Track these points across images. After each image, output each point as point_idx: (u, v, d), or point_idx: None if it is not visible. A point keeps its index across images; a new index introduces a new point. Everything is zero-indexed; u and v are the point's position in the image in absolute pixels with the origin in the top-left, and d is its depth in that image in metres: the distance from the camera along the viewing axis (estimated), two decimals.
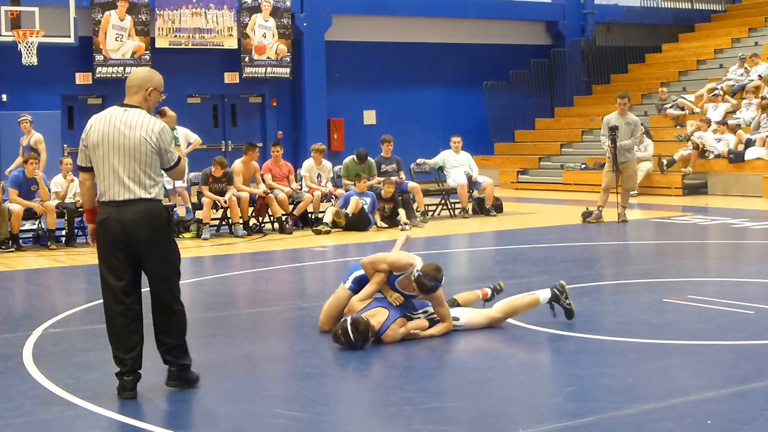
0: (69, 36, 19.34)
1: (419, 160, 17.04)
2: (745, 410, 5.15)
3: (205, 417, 5.27)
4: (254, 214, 14.59)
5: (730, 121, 20.27)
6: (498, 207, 16.49)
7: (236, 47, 22.67)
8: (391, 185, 14.78)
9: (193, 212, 14.48)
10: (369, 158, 15.61)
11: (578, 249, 12.17)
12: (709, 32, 27.13)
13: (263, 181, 14.64)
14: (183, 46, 22.04)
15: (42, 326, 7.63)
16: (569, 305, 7.32)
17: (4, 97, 20.74)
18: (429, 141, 22.63)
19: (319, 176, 15.45)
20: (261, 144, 19.91)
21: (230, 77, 22.94)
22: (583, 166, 21.93)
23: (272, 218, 14.63)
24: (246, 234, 13.94)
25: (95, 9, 21.07)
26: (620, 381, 5.74)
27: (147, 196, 5.51)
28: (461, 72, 26.02)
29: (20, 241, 12.97)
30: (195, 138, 15.80)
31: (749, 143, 19.03)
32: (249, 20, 22.77)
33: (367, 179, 14.92)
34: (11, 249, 12.70)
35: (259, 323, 7.99)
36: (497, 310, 7.26)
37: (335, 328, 6.66)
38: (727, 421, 4.96)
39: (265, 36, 22.98)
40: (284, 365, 6.54)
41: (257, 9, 22.85)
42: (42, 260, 12.03)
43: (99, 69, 21.18)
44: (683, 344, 6.61)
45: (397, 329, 6.76)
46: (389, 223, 14.63)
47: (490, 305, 7.55)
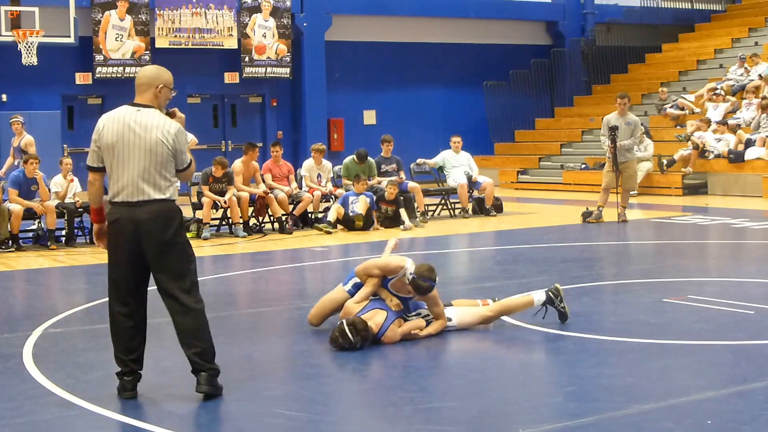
0: (69, 36, 19.35)
1: (419, 160, 17.04)
2: (745, 410, 5.15)
3: (205, 417, 5.27)
4: (254, 214, 14.59)
5: (730, 121, 20.28)
6: (498, 207, 16.49)
7: (236, 47, 22.68)
8: (395, 187, 14.77)
9: (193, 212, 14.48)
10: (369, 158, 15.61)
11: (578, 249, 12.17)
12: (709, 32, 27.13)
13: (263, 181, 14.64)
14: (183, 46, 22.04)
15: (42, 326, 7.63)
16: (563, 308, 7.30)
17: (4, 97, 20.75)
18: (429, 141, 22.63)
19: (319, 176, 15.45)
20: (261, 144, 19.90)
21: (230, 77, 22.95)
22: (583, 166, 21.93)
23: (272, 218, 14.63)
24: (246, 234, 13.94)
25: (95, 9, 21.08)
26: (620, 381, 5.74)
27: (161, 197, 5.45)
28: (461, 72, 26.02)
29: (20, 241, 12.97)
30: (190, 138, 15.78)
31: (749, 143, 19.03)
32: (249, 20, 22.77)
33: (367, 180, 14.92)
34: (11, 249, 12.71)
35: (259, 323, 7.99)
36: (490, 309, 7.28)
37: (333, 332, 6.64)
38: (727, 421, 4.96)
39: (265, 36, 22.99)
40: (284, 365, 6.54)
41: (257, 9, 22.85)
42: (42, 260, 12.03)
43: (99, 69, 21.19)
44: (683, 344, 6.61)
45: (396, 330, 6.77)
46: (389, 224, 14.61)
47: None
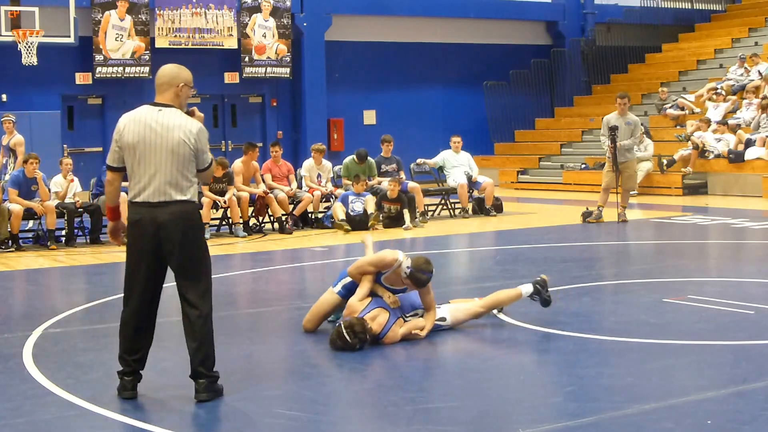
0: (69, 36, 19.35)
1: (419, 160, 17.04)
2: (745, 410, 5.15)
3: (205, 417, 5.27)
4: (254, 214, 14.59)
5: (730, 121, 20.28)
6: (498, 207, 16.49)
7: (236, 47, 22.67)
8: (397, 184, 14.78)
9: None
10: (369, 158, 15.61)
11: (578, 249, 12.17)
12: (709, 32, 27.13)
13: (263, 181, 14.64)
14: (183, 46, 22.02)
15: (42, 326, 7.63)
16: (548, 296, 7.47)
17: (4, 97, 20.74)
18: (429, 141, 22.62)
19: (319, 176, 15.45)
20: (261, 144, 19.90)
21: (230, 77, 22.95)
22: (583, 166, 21.92)
23: (272, 218, 14.63)
24: (246, 234, 13.94)
25: (95, 9, 21.07)
26: (620, 381, 5.74)
27: (182, 198, 5.44)
28: (461, 72, 26.02)
29: (20, 241, 12.97)
30: None
31: (749, 143, 19.03)
32: (249, 20, 22.77)
33: (367, 181, 14.92)
34: (11, 249, 12.70)
35: (259, 323, 7.99)
36: (479, 305, 7.33)
37: (331, 334, 6.66)
38: (727, 421, 4.96)
39: (265, 36, 22.98)
40: (284, 365, 6.53)
41: (257, 9, 22.84)
42: (42, 260, 12.03)
43: (99, 69, 21.18)
44: (683, 344, 6.61)
45: (397, 330, 6.78)
46: (390, 224, 14.59)
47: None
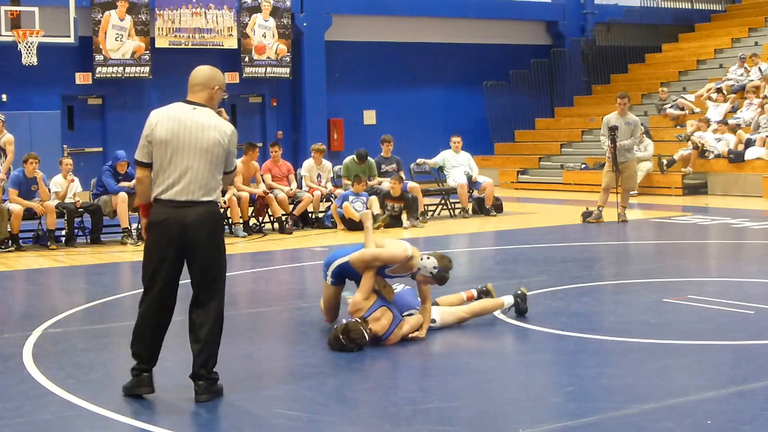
0: (69, 36, 19.34)
1: (419, 160, 17.05)
2: (745, 410, 5.15)
3: (205, 417, 5.27)
4: (254, 214, 14.59)
5: (730, 121, 20.28)
6: (498, 207, 16.49)
7: (236, 47, 22.67)
8: (398, 182, 14.78)
9: None
10: (369, 158, 15.61)
11: (578, 249, 12.17)
12: (709, 32, 27.13)
13: (263, 181, 14.64)
14: (183, 46, 22.03)
15: (42, 326, 7.63)
16: (525, 307, 7.59)
17: (4, 97, 20.74)
18: (429, 141, 22.60)
19: (319, 176, 15.45)
20: (261, 144, 19.90)
21: (230, 77, 22.91)
22: (583, 166, 21.92)
23: (272, 218, 14.63)
24: (246, 234, 13.94)
25: (95, 9, 21.07)
26: (620, 381, 5.74)
27: (208, 199, 5.43)
28: (461, 72, 26.01)
29: (20, 241, 12.97)
30: None
31: (749, 143, 19.03)
32: (249, 20, 22.77)
33: (367, 181, 14.93)
34: (11, 249, 12.70)
35: (259, 323, 7.99)
36: (465, 311, 7.40)
37: (329, 335, 6.68)
38: (727, 421, 4.96)
39: (265, 36, 22.98)
40: (284, 365, 6.53)
41: (257, 9, 22.85)
42: (42, 260, 12.03)
43: (99, 69, 21.18)
44: (683, 344, 6.61)
45: (398, 332, 6.79)
46: (391, 224, 14.60)
47: None
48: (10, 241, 12.77)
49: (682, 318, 7.58)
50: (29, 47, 18.19)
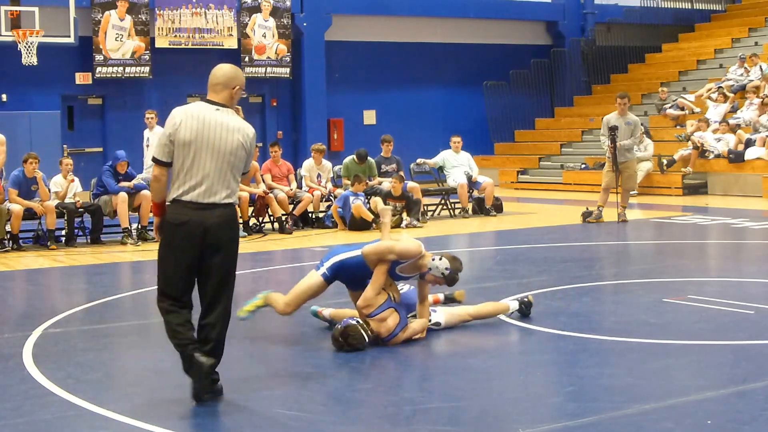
0: (69, 36, 19.34)
1: (419, 160, 17.05)
2: (745, 410, 5.15)
3: (205, 417, 5.27)
4: (254, 214, 14.59)
5: (731, 121, 20.28)
6: (498, 207, 16.49)
7: (236, 47, 22.67)
8: (399, 182, 14.78)
9: None
10: (369, 158, 15.61)
11: (578, 249, 12.17)
12: (709, 32, 27.13)
13: (263, 181, 14.64)
14: (183, 46, 22.04)
15: (42, 326, 7.63)
16: (528, 313, 7.58)
17: (4, 97, 20.74)
18: (429, 141, 22.59)
19: (319, 176, 15.46)
20: (260, 144, 19.89)
21: None
22: (583, 166, 21.92)
23: (272, 218, 14.63)
24: (246, 234, 13.94)
25: (95, 9, 21.07)
26: (620, 381, 5.74)
27: (229, 201, 5.40)
28: (461, 72, 26.02)
29: (20, 241, 12.96)
30: None
31: (749, 143, 19.04)
32: (249, 20, 22.77)
33: (366, 181, 14.93)
34: (11, 249, 12.70)
35: (259, 323, 7.98)
36: (469, 313, 7.38)
37: (333, 333, 6.68)
38: (727, 421, 4.96)
39: (265, 36, 22.98)
40: (284, 365, 6.53)
41: (257, 9, 22.85)
42: (42, 260, 12.03)
43: (99, 69, 21.18)
44: (683, 344, 6.61)
45: (402, 335, 6.81)
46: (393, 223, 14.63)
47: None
48: (10, 241, 12.77)
49: (682, 318, 7.57)
50: (29, 47, 18.19)
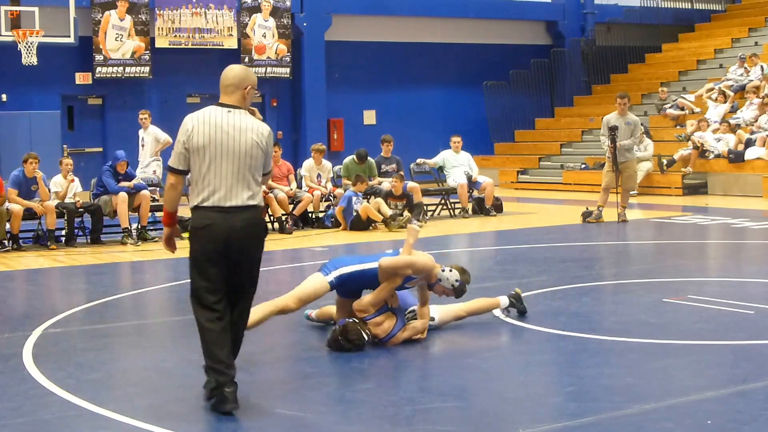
0: (69, 36, 19.34)
1: (419, 160, 17.05)
2: (745, 410, 5.15)
3: (205, 417, 5.26)
4: None
5: (731, 121, 20.28)
6: (498, 207, 16.49)
7: (236, 47, 22.66)
8: (399, 181, 14.78)
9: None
10: (369, 158, 15.61)
11: (578, 249, 12.17)
12: (709, 32, 27.13)
13: None
14: (183, 46, 22.04)
15: (42, 326, 7.63)
16: (522, 307, 7.64)
17: (4, 97, 20.74)
18: (429, 141, 22.61)
19: (319, 176, 15.46)
20: None
21: None
22: (583, 166, 21.93)
23: (272, 218, 14.63)
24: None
25: (95, 9, 21.07)
26: (620, 381, 5.74)
27: (253, 203, 5.34)
28: (461, 72, 26.01)
29: (20, 241, 12.96)
30: (164, 137, 15.97)
31: (749, 143, 19.04)
32: (249, 20, 22.77)
33: (368, 181, 14.93)
34: (11, 249, 12.69)
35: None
36: (462, 309, 7.39)
37: (329, 337, 6.68)
38: (727, 421, 4.96)
39: (265, 36, 22.98)
40: (284, 365, 6.53)
41: (257, 9, 22.84)
42: (42, 260, 12.03)
43: (99, 69, 21.18)
44: (683, 344, 6.61)
45: (400, 335, 6.80)
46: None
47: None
48: (10, 241, 12.77)
49: (682, 318, 7.57)
50: (29, 47, 18.19)
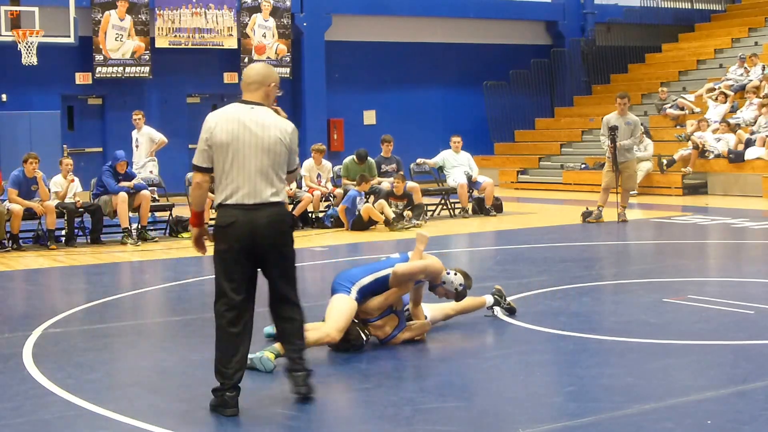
0: (69, 36, 19.34)
1: (419, 160, 17.05)
2: (745, 410, 5.15)
3: (205, 417, 5.26)
4: None
5: (731, 121, 20.28)
6: (498, 207, 16.49)
7: (236, 47, 22.67)
8: (401, 181, 14.78)
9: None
10: (369, 158, 15.61)
11: (578, 249, 12.17)
12: (709, 32, 27.14)
13: None
14: (183, 46, 22.04)
15: (42, 326, 7.63)
16: (509, 305, 7.64)
17: (4, 97, 20.74)
18: (429, 141, 22.59)
19: (319, 176, 15.46)
20: None
21: (230, 77, 22.93)
22: (583, 166, 21.93)
23: None
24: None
25: (95, 9, 21.07)
26: (620, 381, 5.74)
27: (277, 200, 5.30)
28: (461, 72, 26.01)
29: (20, 241, 12.96)
30: (159, 137, 15.99)
31: (749, 143, 19.04)
32: (249, 20, 22.77)
33: (371, 181, 14.94)
34: (11, 249, 12.69)
35: (260, 323, 7.96)
36: (450, 308, 7.42)
37: None
38: (727, 421, 4.96)
39: (265, 36, 22.98)
40: (284, 365, 6.51)
41: (257, 9, 22.85)
42: (42, 260, 12.03)
43: (99, 69, 21.18)
44: (683, 344, 6.61)
45: (401, 336, 6.81)
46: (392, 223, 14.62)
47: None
48: (10, 241, 12.77)
49: (682, 318, 7.57)
50: (29, 47, 18.19)
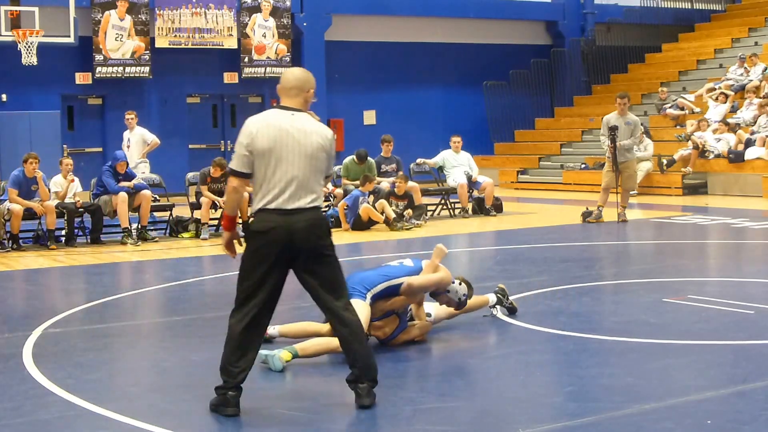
0: (69, 36, 19.35)
1: (419, 160, 17.05)
2: (745, 410, 5.15)
3: (205, 417, 5.26)
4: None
5: (730, 121, 20.28)
6: (498, 207, 16.49)
7: (236, 47, 22.67)
8: (403, 181, 14.78)
9: (192, 212, 14.39)
10: (369, 158, 15.61)
11: (578, 249, 12.17)
12: (709, 32, 27.14)
13: None
14: (183, 46, 22.03)
15: (42, 326, 7.63)
16: (511, 304, 7.67)
17: (4, 97, 20.74)
18: (429, 141, 22.58)
19: None
20: None
21: (230, 77, 22.94)
22: (583, 166, 21.93)
23: None
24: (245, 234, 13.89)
25: (95, 9, 21.07)
26: (620, 381, 5.74)
27: (315, 205, 5.29)
28: (461, 72, 26.01)
29: (20, 241, 12.96)
30: (152, 138, 15.99)
31: (749, 143, 19.04)
32: (249, 20, 22.76)
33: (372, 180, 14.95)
34: (11, 249, 12.69)
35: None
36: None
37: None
38: (727, 421, 4.96)
39: (265, 36, 22.98)
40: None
41: (257, 9, 22.84)
42: (42, 260, 12.03)
43: (99, 69, 21.17)
44: (683, 344, 6.61)
45: (402, 337, 6.81)
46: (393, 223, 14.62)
47: None
48: (10, 241, 12.77)
49: (682, 318, 7.57)
50: (29, 47, 18.19)
